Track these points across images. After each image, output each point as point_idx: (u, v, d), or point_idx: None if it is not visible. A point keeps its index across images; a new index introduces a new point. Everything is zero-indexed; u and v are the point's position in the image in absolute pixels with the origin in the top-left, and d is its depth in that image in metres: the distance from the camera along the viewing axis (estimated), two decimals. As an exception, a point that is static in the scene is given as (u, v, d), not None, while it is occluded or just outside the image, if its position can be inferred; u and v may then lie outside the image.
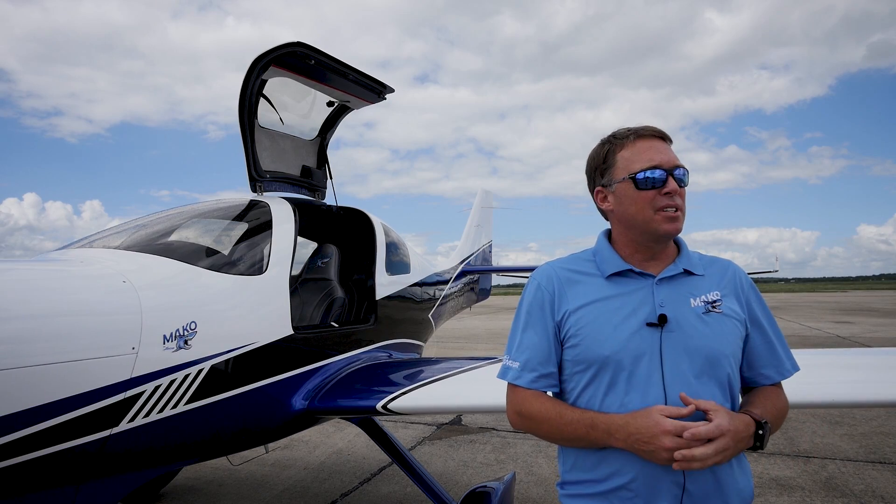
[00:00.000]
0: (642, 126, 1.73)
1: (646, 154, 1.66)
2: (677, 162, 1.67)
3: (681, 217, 1.65)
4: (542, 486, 5.44)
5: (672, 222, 1.64)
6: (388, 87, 4.85)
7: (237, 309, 3.34)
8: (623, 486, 1.56)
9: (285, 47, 3.97)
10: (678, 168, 1.66)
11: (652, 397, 1.56)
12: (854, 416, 7.85)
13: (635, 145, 1.68)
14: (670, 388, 1.56)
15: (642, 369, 1.58)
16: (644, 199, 1.64)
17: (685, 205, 1.68)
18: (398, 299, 5.33)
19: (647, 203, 1.63)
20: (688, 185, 1.68)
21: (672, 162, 1.66)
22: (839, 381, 3.20)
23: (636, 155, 1.67)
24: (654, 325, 1.60)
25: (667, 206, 1.63)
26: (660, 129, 1.72)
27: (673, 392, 1.56)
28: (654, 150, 1.66)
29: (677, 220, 1.64)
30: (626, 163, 1.68)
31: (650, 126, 1.72)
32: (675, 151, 1.70)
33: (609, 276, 1.70)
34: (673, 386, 1.56)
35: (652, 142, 1.69)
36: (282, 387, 3.55)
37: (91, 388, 2.49)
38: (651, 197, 1.63)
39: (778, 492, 5.17)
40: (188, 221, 3.99)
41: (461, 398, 3.68)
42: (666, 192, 1.63)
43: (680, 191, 1.65)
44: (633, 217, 1.67)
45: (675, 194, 1.64)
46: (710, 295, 1.67)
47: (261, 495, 5.35)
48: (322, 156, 5.18)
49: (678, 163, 1.67)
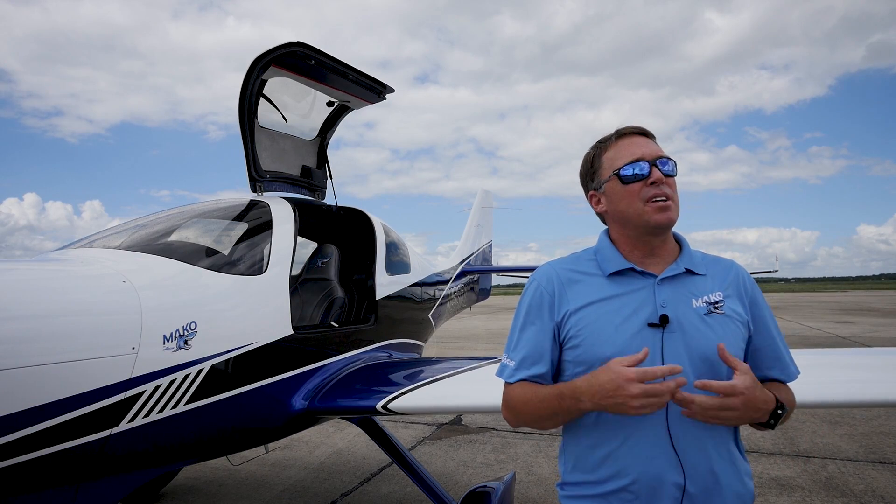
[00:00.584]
0: (624, 126, 1.77)
1: (628, 150, 1.70)
2: (660, 153, 1.69)
3: (672, 206, 1.65)
4: (542, 486, 5.43)
5: (663, 211, 1.63)
6: (388, 87, 4.85)
7: (237, 309, 3.34)
8: (624, 487, 1.56)
9: (285, 47, 3.98)
10: (661, 158, 1.67)
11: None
12: (854, 416, 7.85)
13: (618, 144, 1.73)
14: None
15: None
16: (631, 192, 1.66)
17: (677, 196, 1.68)
18: (398, 299, 5.33)
19: (636, 196, 1.65)
20: (676, 175, 1.69)
21: (654, 153, 1.68)
22: (839, 381, 3.20)
23: (619, 153, 1.71)
24: (655, 325, 1.60)
25: (655, 195, 1.63)
26: (640, 127, 1.75)
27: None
28: (636, 145, 1.70)
29: (668, 209, 1.64)
30: (610, 162, 1.72)
31: (631, 125, 1.76)
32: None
33: (610, 274, 1.69)
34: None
35: (632, 138, 1.72)
36: (282, 387, 3.55)
37: (91, 389, 2.49)
38: (638, 189, 1.65)
39: (778, 492, 5.17)
40: (188, 221, 3.99)
41: (461, 398, 3.68)
42: (652, 182, 1.64)
43: (667, 180, 1.66)
44: (624, 213, 1.68)
45: (662, 184, 1.64)
46: (713, 296, 1.66)
47: (261, 495, 5.35)
48: (322, 156, 5.18)
49: (661, 154, 1.69)
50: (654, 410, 1.43)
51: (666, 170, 1.66)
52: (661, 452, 1.55)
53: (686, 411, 1.46)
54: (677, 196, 1.68)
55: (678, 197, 1.69)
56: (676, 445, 1.54)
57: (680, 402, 1.44)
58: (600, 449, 1.60)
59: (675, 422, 1.55)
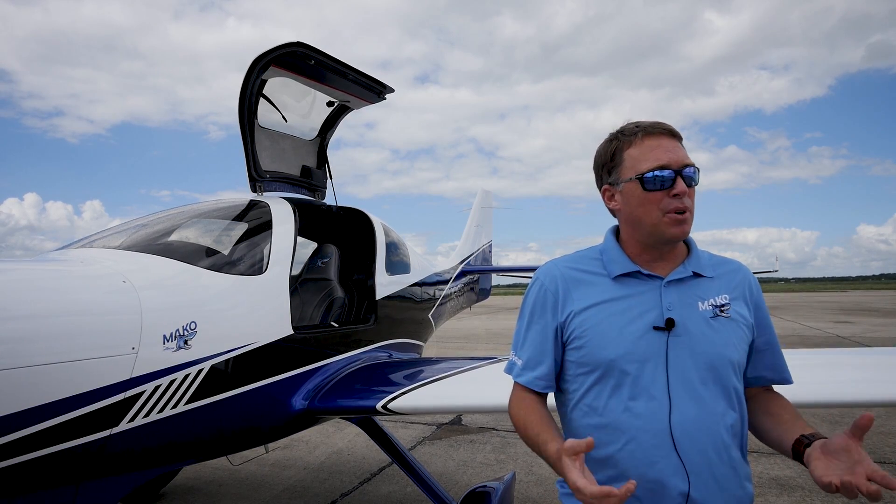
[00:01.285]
0: (651, 122, 1.65)
1: (654, 153, 1.59)
2: (687, 161, 1.59)
3: (689, 219, 1.59)
4: (542, 485, 5.43)
5: (679, 225, 1.57)
6: (388, 86, 4.85)
7: (237, 309, 3.34)
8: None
9: (285, 47, 3.97)
10: (688, 167, 1.58)
11: (656, 403, 1.54)
12: (854, 416, 7.77)
13: (643, 143, 1.61)
14: (675, 393, 1.55)
15: (647, 374, 1.56)
16: (652, 200, 1.58)
17: (694, 205, 1.60)
18: (398, 299, 5.33)
19: (655, 205, 1.57)
20: (698, 183, 1.61)
21: (681, 161, 1.58)
22: (839, 381, 3.20)
23: (644, 154, 1.60)
24: (661, 328, 1.57)
25: (675, 208, 1.56)
26: (669, 126, 1.63)
27: (678, 398, 1.54)
28: (663, 149, 1.59)
29: (685, 222, 1.58)
30: (633, 161, 1.61)
31: (659, 122, 1.64)
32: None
33: (616, 276, 1.66)
34: (678, 392, 1.55)
35: (660, 139, 1.61)
36: (282, 387, 3.55)
37: (91, 388, 2.49)
38: (659, 199, 1.57)
39: (778, 492, 5.17)
40: (188, 221, 3.99)
41: (461, 398, 3.68)
42: (675, 194, 1.56)
43: (689, 191, 1.58)
44: (640, 219, 1.62)
45: (685, 195, 1.57)
46: (719, 298, 1.63)
47: (261, 495, 5.35)
48: (322, 156, 5.18)
49: (688, 161, 1.59)
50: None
51: (689, 180, 1.58)
52: (664, 457, 1.53)
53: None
54: (694, 206, 1.61)
55: (694, 206, 1.61)
56: (680, 450, 1.52)
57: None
58: (602, 451, 1.58)
59: (679, 425, 1.53)
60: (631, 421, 1.55)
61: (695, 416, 1.54)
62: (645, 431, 1.54)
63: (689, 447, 1.53)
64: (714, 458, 1.54)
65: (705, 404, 1.55)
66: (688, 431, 1.53)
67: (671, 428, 1.53)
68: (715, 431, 1.54)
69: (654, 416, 1.54)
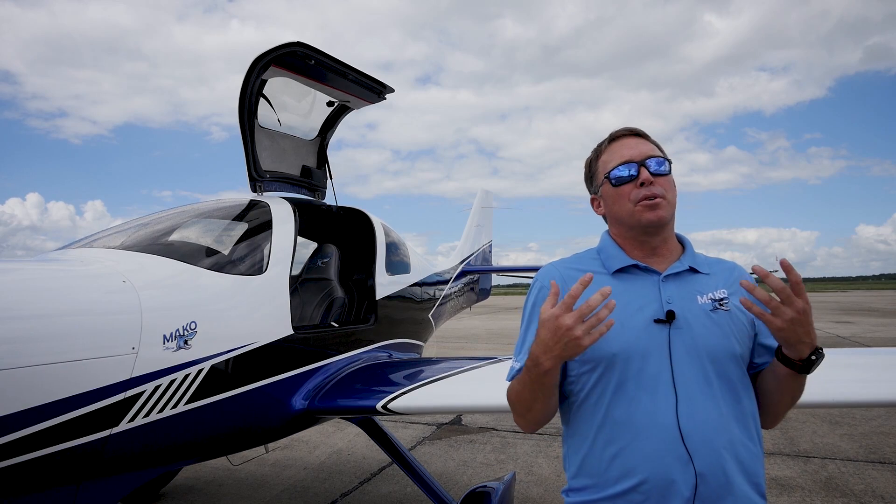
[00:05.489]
0: (617, 129, 1.81)
1: (619, 152, 1.73)
2: (651, 152, 1.71)
3: (662, 204, 1.65)
4: (542, 486, 5.44)
5: (652, 210, 1.65)
6: (388, 87, 4.86)
7: (237, 309, 3.34)
8: (633, 488, 1.52)
9: (285, 47, 3.98)
10: (650, 158, 1.69)
11: (661, 396, 1.54)
12: (854, 416, 7.85)
13: (610, 148, 1.77)
14: (680, 386, 1.54)
15: (651, 367, 1.56)
16: (622, 194, 1.69)
17: (672, 193, 1.69)
18: (398, 299, 5.33)
19: (626, 197, 1.68)
20: (669, 172, 1.70)
21: (644, 153, 1.70)
22: (839, 381, 3.20)
23: (611, 156, 1.75)
24: (661, 321, 1.59)
25: (644, 196, 1.65)
26: (632, 127, 1.79)
27: (683, 390, 1.54)
28: (626, 147, 1.73)
29: (658, 207, 1.65)
30: (604, 166, 1.76)
31: (624, 127, 1.81)
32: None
33: (615, 272, 1.70)
34: (683, 384, 1.54)
35: (624, 140, 1.76)
36: (282, 387, 3.55)
37: (91, 388, 2.50)
38: (628, 191, 1.68)
39: (778, 492, 5.17)
40: (188, 221, 3.99)
41: (461, 398, 3.68)
42: (641, 183, 1.66)
43: (658, 180, 1.67)
44: (619, 214, 1.72)
45: (651, 184, 1.66)
46: (717, 293, 1.66)
47: (261, 495, 5.35)
48: (322, 156, 5.18)
49: (652, 153, 1.71)
50: (601, 335, 1.39)
51: (655, 169, 1.67)
52: (671, 451, 1.51)
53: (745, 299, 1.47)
54: (672, 193, 1.69)
55: (673, 194, 1.70)
56: (688, 443, 1.51)
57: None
58: (608, 449, 1.57)
59: (686, 419, 1.52)
60: (638, 416, 1.54)
61: (702, 409, 1.53)
62: (653, 426, 1.53)
63: (698, 440, 1.51)
64: (723, 452, 1.52)
65: (713, 397, 1.54)
66: (696, 424, 1.52)
67: (678, 421, 1.52)
68: (723, 425, 1.54)
69: (661, 411, 1.53)
